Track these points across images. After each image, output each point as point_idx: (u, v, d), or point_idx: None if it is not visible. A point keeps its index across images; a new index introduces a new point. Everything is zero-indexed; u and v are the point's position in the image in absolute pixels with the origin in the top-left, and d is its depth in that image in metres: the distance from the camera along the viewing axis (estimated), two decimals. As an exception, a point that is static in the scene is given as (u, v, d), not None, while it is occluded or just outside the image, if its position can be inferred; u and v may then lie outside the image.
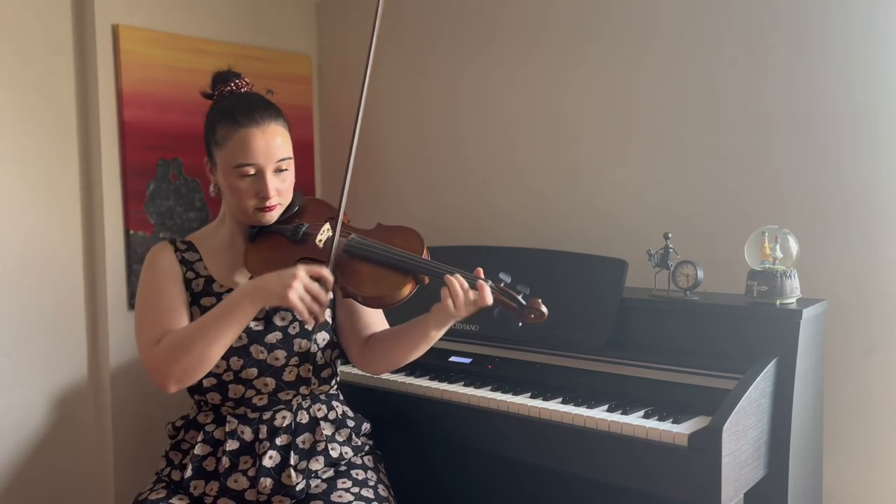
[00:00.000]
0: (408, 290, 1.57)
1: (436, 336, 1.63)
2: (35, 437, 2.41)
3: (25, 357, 2.38)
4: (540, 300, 1.53)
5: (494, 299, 1.54)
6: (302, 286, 1.47)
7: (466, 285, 1.54)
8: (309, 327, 1.65)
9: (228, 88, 1.69)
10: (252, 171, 1.60)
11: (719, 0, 2.18)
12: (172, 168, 2.62)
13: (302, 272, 1.49)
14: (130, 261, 2.50)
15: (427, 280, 1.59)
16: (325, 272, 1.51)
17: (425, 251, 1.63)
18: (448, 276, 1.53)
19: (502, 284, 1.56)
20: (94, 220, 2.50)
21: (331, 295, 1.75)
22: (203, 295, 1.66)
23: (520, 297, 1.53)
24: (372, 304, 1.59)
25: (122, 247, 2.51)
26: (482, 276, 1.56)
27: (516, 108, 2.60)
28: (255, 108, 1.62)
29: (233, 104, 1.64)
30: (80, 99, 2.48)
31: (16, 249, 2.35)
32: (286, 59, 3.00)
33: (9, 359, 2.35)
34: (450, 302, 1.53)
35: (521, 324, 1.54)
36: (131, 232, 2.52)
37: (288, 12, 3.03)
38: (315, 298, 1.49)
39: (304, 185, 2.97)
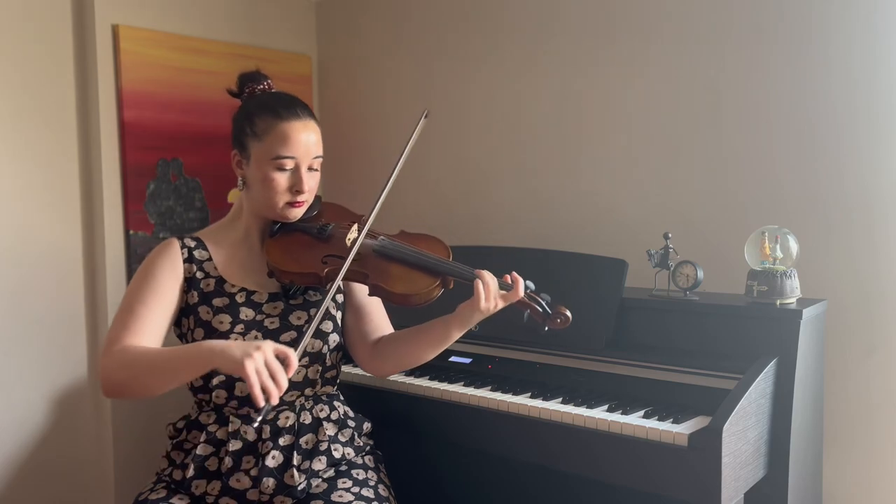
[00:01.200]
0: (437, 291, 1.63)
1: (456, 335, 1.66)
2: (35, 437, 2.41)
3: (25, 357, 2.38)
4: (564, 306, 1.61)
5: (523, 303, 1.61)
6: (262, 359, 1.39)
7: (497, 282, 1.60)
8: (257, 408, 1.40)
9: (261, 87, 1.73)
10: (290, 164, 1.63)
11: (720, 0, 2.18)
12: (172, 168, 2.61)
13: (268, 347, 1.41)
14: (130, 261, 2.50)
15: (452, 284, 1.64)
16: (292, 355, 1.42)
17: (451, 258, 1.68)
18: (480, 271, 1.58)
19: (529, 291, 1.63)
20: (94, 220, 2.50)
21: (340, 298, 1.76)
22: (215, 296, 1.66)
23: (545, 304, 1.62)
24: (401, 301, 1.62)
25: (122, 247, 2.51)
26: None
27: (517, 107, 2.60)
28: (296, 103, 1.67)
29: (271, 98, 1.68)
30: (80, 99, 2.48)
31: (16, 249, 2.35)
32: (286, 59, 3.00)
33: (9, 359, 2.35)
34: (482, 293, 1.57)
35: (546, 328, 1.62)
36: (131, 232, 2.52)
37: (288, 12, 3.03)
38: (272, 375, 1.40)
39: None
